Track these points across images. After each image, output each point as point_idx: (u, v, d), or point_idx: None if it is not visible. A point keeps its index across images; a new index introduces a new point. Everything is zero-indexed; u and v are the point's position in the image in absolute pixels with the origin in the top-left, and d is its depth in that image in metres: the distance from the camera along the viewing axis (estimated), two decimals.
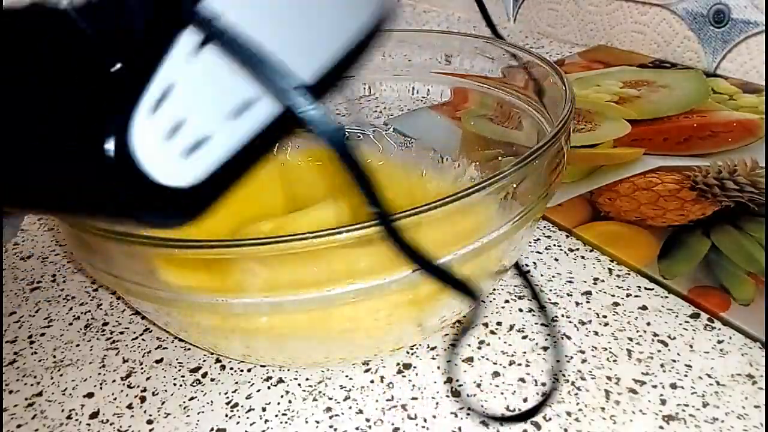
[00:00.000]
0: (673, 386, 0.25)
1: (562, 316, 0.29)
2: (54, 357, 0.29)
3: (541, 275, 0.31)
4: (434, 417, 0.24)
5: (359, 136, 0.39)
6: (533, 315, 0.29)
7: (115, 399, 0.27)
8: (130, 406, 0.26)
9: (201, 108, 0.15)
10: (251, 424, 0.25)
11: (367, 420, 0.24)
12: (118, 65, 0.13)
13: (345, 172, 0.16)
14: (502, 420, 0.24)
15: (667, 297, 0.29)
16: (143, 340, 0.30)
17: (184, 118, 0.14)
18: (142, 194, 0.14)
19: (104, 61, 0.13)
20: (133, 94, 0.13)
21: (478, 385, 0.25)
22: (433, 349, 0.28)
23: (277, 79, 0.14)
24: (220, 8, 0.14)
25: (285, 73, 0.14)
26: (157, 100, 0.14)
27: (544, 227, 0.35)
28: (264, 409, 0.25)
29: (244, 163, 0.16)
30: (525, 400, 0.24)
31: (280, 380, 0.27)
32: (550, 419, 0.24)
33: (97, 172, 0.13)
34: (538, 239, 0.34)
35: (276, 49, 0.15)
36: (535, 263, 0.32)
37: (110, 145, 0.13)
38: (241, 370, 0.27)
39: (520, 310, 0.29)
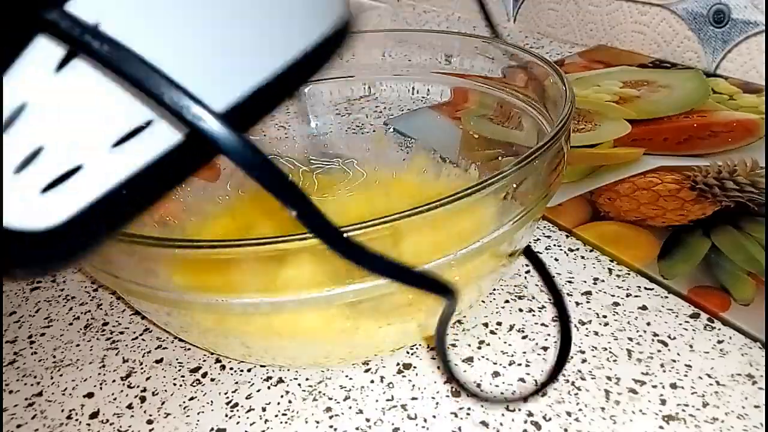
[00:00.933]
0: (673, 386, 0.25)
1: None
2: (54, 357, 0.29)
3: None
4: (434, 417, 0.24)
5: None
6: (533, 315, 0.29)
7: (115, 399, 0.27)
8: (130, 406, 0.26)
9: (67, 134, 0.12)
10: (251, 424, 0.25)
11: (367, 420, 0.24)
12: None
13: (275, 197, 0.14)
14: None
15: (667, 297, 0.29)
16: (143, 340, 0.30)
17: (40, 146, 0.12)
18: None
19: None
20: None
21: (478, 385, 0.25)
22: (433, 349, 0.27)
23: (175, 103, 0.11)
24: (99, 11, 0.11)
25: (187, 95, 0.12)
26: None
27: (544, 227, 0.35)
28: (264, 409, 0.25)
29: (135, 200, 0.14)
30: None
31: (280, 380, 0.27)
32: (550, 419, 0.24)
33: None
34: (538, 239, 0.34)
35: (178, 64, 0.12)
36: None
37: None
38: (241, 370, 0.27)
39: (520, 310, 0.29)
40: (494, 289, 0.31)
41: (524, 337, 0.28)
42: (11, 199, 0.12)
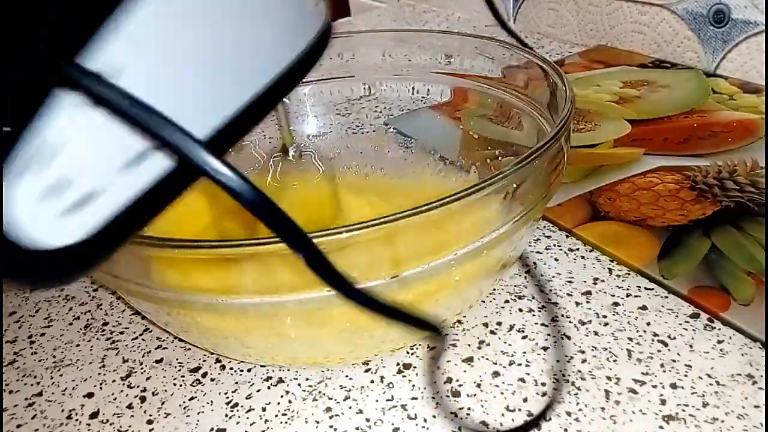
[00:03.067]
0: (673, 386, 0.25)
1: (562, 316, 0.29)
2: (54, 357, 0.29)
3: (541, 275, 0.31)
4: (434, 417, 0.24)
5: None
6: (533, 315, 0.29)
7: (115, 399, 0.27)
8: (130, 406, 0.26)
9: (85, 165, 0.14)
10: (251, 424, 0.25)
11: (367, 420, 0.24)
12: None
13: (257, 218, 0.15)
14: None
15: (667, 297, 0.29)
16: (143, 340, 0.30)
17: (64, 176, 0.14)
18: (5, 257, 0.13)
19: None
20: None
21: (478, 385, 0.25)
22: (433, 349, 0.28)
23: (167, 134, 0.13)
24: (111, 64, 0.13)
25: (177, 128, 0.13)
26: (27, 161, 0.13)
27: (544, 227, 0.35)
28: (264, 409, 0.25)
29: (139, 217, 0.16)
30: (525, 400, 0.25)
31: (280, 380, 0.27)
32: (549, 419, 0.24)
33: None
34: (538, 239, 0.34)
35: (170, 103, 0.14)
36: (535, 263, 0.32)
37: None
38: (241, 370, 0.27)
39: (520, 310, 0.29)
40: (494, 289, 0.31)
41: (524, 337, 0.28)
42: (35, 223, 0.13)
